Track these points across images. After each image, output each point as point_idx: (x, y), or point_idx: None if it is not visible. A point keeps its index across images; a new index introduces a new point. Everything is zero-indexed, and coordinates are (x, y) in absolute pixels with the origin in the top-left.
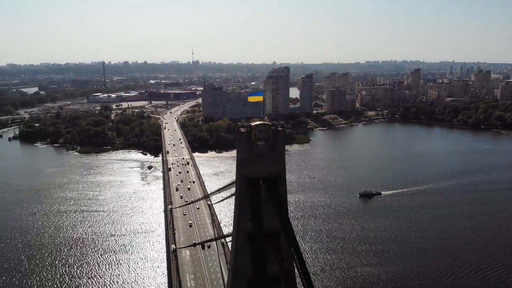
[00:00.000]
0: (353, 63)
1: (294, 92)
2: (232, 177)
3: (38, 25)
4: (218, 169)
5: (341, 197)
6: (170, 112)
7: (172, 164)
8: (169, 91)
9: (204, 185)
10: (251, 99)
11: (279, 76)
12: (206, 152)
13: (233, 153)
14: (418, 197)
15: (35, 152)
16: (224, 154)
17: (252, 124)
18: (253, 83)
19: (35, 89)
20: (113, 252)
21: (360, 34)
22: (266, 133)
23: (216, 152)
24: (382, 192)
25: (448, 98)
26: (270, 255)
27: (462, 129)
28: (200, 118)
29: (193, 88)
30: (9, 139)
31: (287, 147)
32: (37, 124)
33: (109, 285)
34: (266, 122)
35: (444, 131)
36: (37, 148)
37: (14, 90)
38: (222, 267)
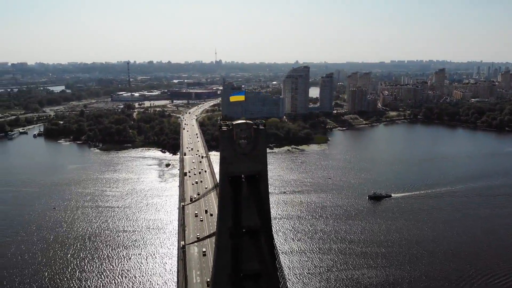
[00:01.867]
0: (378, 62)
1: (316, 92)
2: None
3: (66, 25)
4: None
5: (352, 199)
6: (189, 113)
7: (189, 172)
8: (191, 91)
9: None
10: (233, 98)
11: (299, 76)
12: None
13: None
14: (432, 199)
15: (58, 149)
16: None
17: (234, 123)
18: (274, 82)
19: (62, 87)
20: (124, 248)
21: (385, 33)
22: (248, 132)
23: None
24: (393, 195)
25: (473, 99)
26: (251, 252)
27: (486, 131)
28: (219, 118)
29: (214, 88)
30: (34, 136)
31: (304, 147)
32: (61, 122)
33: (118, 280)
34: (248, 121)
35: (467, 132)
36: (61, 145)
37: (41, 88)
38: None
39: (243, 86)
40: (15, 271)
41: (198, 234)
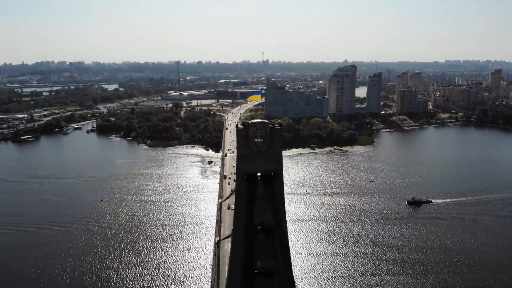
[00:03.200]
0: (431, 62)
1: (364, 91)
2: (287, 175)
3: (122, 26)
4: None
5: (392, 203)
6: (232, 113)
7: (229, 178)
8: (236, 90)
9: None
10: (250, 98)
11: (345, 75)
12: None
13: (290, 152)
14: (478, 206)
15: (109, 144)
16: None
17: (250, 121)
18: (320, 82)
19: (115, 86)
20: (162, 240)
21: (439, 32)
22: (263, 131)
23: None
24: (433, 200)
25: None
26: (264, 250)
27: None
28: (262, 117)
29: (259, 87)
30: (87, 132)
31: (347, 148)
32: (112, 118)
33: (154, 271)
34: (264, 120)
35: None
36: (111, 140)
37: (96, 86)
38: None
39: (287, 85)
40: (58, 258)
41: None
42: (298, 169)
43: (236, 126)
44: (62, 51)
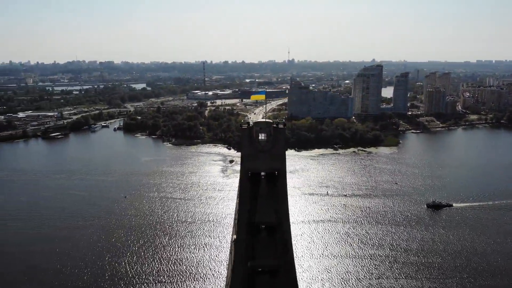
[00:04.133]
0: (462, 62)
1: (391, 92)
2: (307, 175)
3: (150, 26)
4: (294, 167)
5: (412, 206)
6: (254, 113)
7: None
8: (260, 90)
9: None
10: (253, 97)
11: (371, 75)
12: (286, 150)
13: (312, 152)
14: (501, 211)
15: (135, 142)
16: (303, 152)
17: (254, 121)
18: (347, 81)
19: (143, 85)
20: (180, 237)
21: (471, 31)
22: (267, 131)
23: (296, 151)
24: (454, 204)
25: None
26: (266, 249)
27: None
28: (285, 117)
29: (284, 87)
30: (114, 130)
31: (372, 149)
32: (139, 117)
33: (170, 268)
34: (268, 120)
35: None
36: (137, 138)
37: (125, 85)
38: None
39: (312, 85)
40: (79, 253)
41: None
42: (320, 170)
43: (240, 125)
44: (93, 51)
